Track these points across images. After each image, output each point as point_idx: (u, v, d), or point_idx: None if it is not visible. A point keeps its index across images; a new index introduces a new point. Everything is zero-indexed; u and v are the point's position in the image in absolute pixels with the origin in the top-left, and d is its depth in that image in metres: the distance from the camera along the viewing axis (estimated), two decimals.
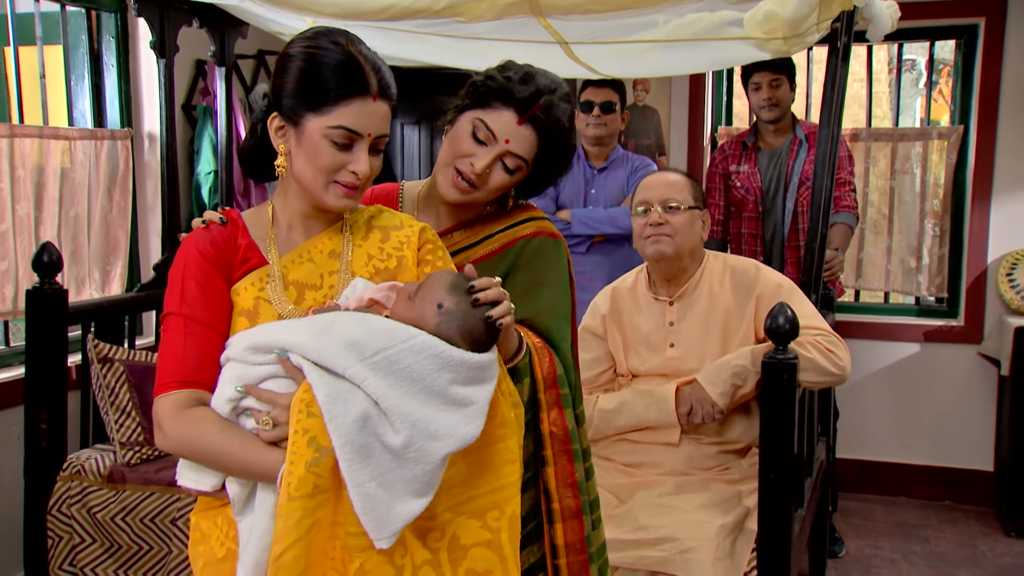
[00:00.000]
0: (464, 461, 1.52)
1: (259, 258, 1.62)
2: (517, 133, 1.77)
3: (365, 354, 1.42)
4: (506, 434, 1.56)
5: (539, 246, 1.86)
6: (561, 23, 2.86)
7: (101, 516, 3.02)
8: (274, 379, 1.49)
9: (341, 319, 1.50)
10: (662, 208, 2.76)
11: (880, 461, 4.77)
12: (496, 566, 1.52)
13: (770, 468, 2.40)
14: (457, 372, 1.46)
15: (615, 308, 2.91)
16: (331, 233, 1.66)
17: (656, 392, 2.74)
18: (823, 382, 2.70)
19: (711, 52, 3.27)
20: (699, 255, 2.86)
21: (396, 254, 1.68)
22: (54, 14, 3.80)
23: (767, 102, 3.92)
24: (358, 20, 2.88)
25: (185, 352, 1.52)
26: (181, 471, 1.54)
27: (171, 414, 1.49)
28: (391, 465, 1.39)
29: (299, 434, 1.38)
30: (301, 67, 1.55)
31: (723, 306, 2.79)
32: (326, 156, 1.55)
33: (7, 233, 3.43)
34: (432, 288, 1.54)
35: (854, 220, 3.92)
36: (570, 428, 1.79)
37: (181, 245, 1.62)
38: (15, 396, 3.26)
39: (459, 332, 1.51)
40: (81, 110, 3.95)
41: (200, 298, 1.55)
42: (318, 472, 1.37)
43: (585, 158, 4.01)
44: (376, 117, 1.56)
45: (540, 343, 1.79)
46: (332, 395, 1.39)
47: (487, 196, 1.83)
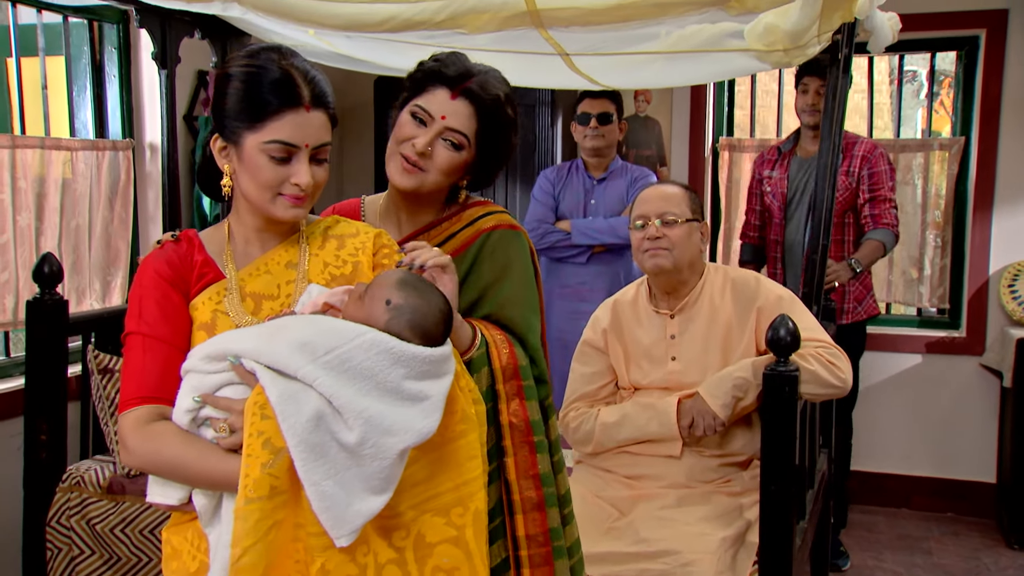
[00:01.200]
0: (426, 458, 1.52)
1: (216, 273, 1.64)
2: (453, 108, 1.81)
3: (316, 354, 1.43)
4: (467, 430, 1.57)
5: (500, 238, 1.88)
6: (562, 35, 2.86)
7: (100, 527, 3.01)
8: (230, 386, 1.50)
9: (291, 322, 1.52)
10: (660, 221, 2.76)
11: (882, 473, 4.76)
12: (463, 563, 1.53)
13: (771, 480, 2.39)
14: (410, 367, 1.47)
15: (616, 321, 2.91)
16: (287, 245, 1.69)
17: (658, 405, 2.73)
18: (824, 394, 2.69)
19: (712, 64, 3.28)
20: (699, 267, 2.85)
21: (351, 260, 1.70)
22: (56, 25, 3.81)
23: (811, 107, 3.90)
24: (360, 32, 2.89)
25: (145, 369, 1.54)
26: (150, 487, 1.55)
27: (133, 430, 1.50)
28: (347, 463, 1.40)
29: (253, 436, 1.39)
30: (235, 88, 1.57)
31: (724, 319, 2.78)
32: (266, 172, 1.57)
33: (8, 244, 3.43)
34: (380, 286, 1.56)
35: (892, 239, 3.86)
36: (532, 419, 1.79)
37: (139, 266, 1.65)
38: (15, 407, 3.25)
39: (409, 326, 1.52)
40: (83, 121, 3.95)
41: (158, 316, 1.58)
42: (274, 473, 1.38)
43: (584, 169, 4.02)
44: (311, 128, 1.57)
45: (501, 336, 1.80)
46: (284, 396, 1.40)
47: (439, 179, 1.85)
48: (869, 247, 3.79)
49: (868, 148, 3.91)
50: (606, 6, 2.60)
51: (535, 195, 4.06)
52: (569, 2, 2.63)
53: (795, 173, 4.01)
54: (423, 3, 2.69)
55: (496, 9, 2.68)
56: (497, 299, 1.84)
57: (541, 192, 4.05)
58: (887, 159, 3.93)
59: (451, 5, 2.68)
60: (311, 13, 2.81)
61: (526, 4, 2.64)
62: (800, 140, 4.05)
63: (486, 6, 2.67)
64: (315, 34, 3.16)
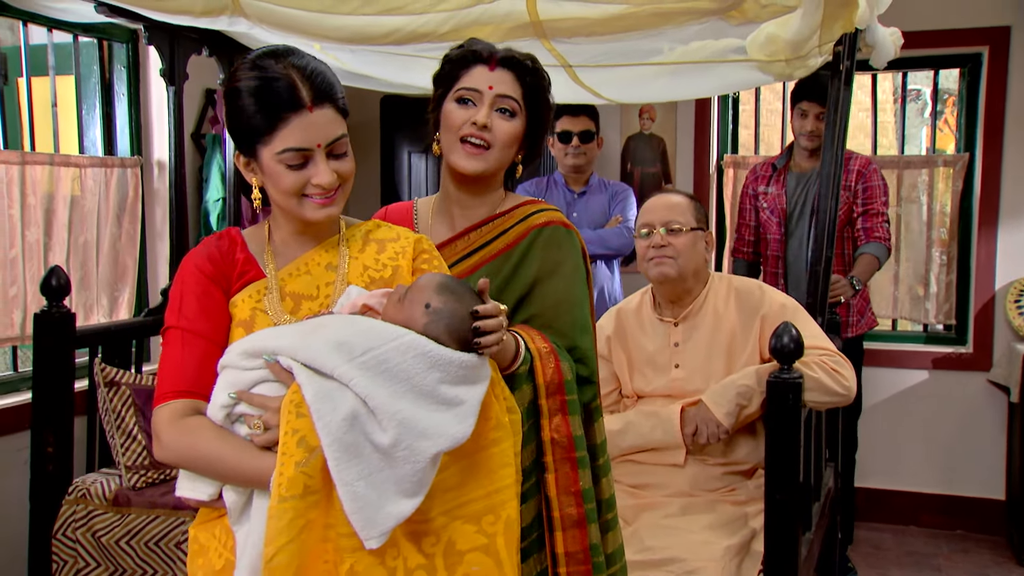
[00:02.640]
0: (458, 464, 1.52)
1: (257, 271, 1.65)
2: (497, 77, 1.83)
3: (353, 354, 1.43)
4: (501, 437, 1.55)
5: (551, 235, 1.86)
6: (565, 46, 2.89)
7: (106, 540, 3.01)
8: (266, 383, 1.51)
9: (330, 321, 1.53)
10: (664, 230, 2.77)
11: (890, 489, 4.73)
12: (493, 571, 1.51)
13: (776, 488, 2.38)
14: (446, 371, 1.46)
15: (620, 329, 2.91)
16: (328, 247, 1.70)
17: (661, 413, 2.73)
18: (828, 402, 2.68)
19: (715, 77, 3.31)
20: (703, 276, 2.86)
21: (391, 264, 1.71)
22: (67, 45, 3.86)
23: (810, 133, 3.92)
24: (365, 44, 2.93)
25: (183, 363, 1.55)
26: (180, 481, 1.55)
27: (168, 423, 1.50)
28: (380, 464, 1.40)
29: (289, 435, 1.39)
30: (236, 106, 1.57)
31: (728, 327, 2.79)
32: (286, 180, 1.57)
33: (16, 259, 3.46)
34: (421, 289, 1.55)
35: (884, 252, 3.88)
36: (575, 435, 1.77)
37: (182, 262, 1.66)
38: (22, 421, 3.27)
39: (447, 331, 1.52)
40: (92, 139, 3.99)
41: (198, 311, 1.58)
42: (308, 472, 1.37)
43: (564, 184, 4.06)
44: (319, 127, 1.55)
45: (547, 348, 1.77)
46: (320, 394, 1.40)
47: (502, 154, 1.85)
48: (865, 262, 3.80)
49: (862, 163, 3.93)
50: (608, 16, 2.64)
51: None
52: (572, 12, 2.67)
53: (793, 189, 4.02)
54: (427, 15, 2.73)
55: (500, 21, 2.72)
56: (545, 298, 1.82)
57: None
58: (880, 175, 3.96)
59: (455, 17, 2.72)
60: (317, 26, 2.85)
61: (529, 15, 2.67)
62: (794, 156, 4.07)
63: (490, 18, 2.71)
64: (321, 48, 3.19)
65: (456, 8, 2.68)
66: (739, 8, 2.55)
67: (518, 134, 1.86)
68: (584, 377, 1.83)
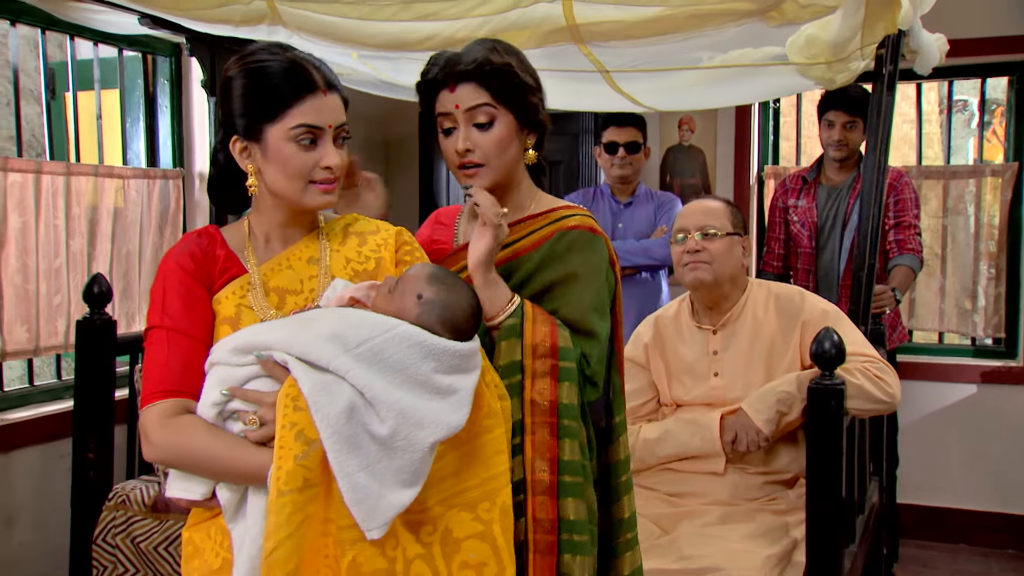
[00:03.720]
0: (453, 453, 1.52)
1: (238, 267, 1.64)
2: (460, 95, 1.78)
3: (348, 345, 1.43)
4: (493, 425, 1.56)
5: (576, 239, 1.82)
6: (602, 50, 2.88)
7: (144, 546, 3.02)
8: (259, 379, 1.50)
9: (322, 315, 1.53)
10: (700, 235, 2.74)
11: (939, 507, 4.62)
12: (490, 557, 1.52)
13: (818, 497, 2.33)
14: (440, 360, 1.48)
15: (658, 337, 2.88)
16: (308, 241, 1.69)
17: (700, 420, 2.69)
18: (872, 409, 2.63)
19: (755, 83, 3.27)
20: (741, 282, 2.82)
21: (374, 256, 1.71)
22: (112, 59, 3.92)
23: (837, 143, 3.86)
24: (401, 51, 2.93)
25: (169, 362, 1.53)
26: (170, 482, 1.53)
27: (157, 423, 1.49)
28: (379, 455, 1.40)
29: (286, 428, 1.39)
30: (247, 84, 1.58)
31: (768, 334, 2.74)
32: (295, 159, 1.58)
33: (61, 268, 3.50)
34: (411, 280, 1.57)
35: (918, 264, 3.82)
36: (562, 402, 1.71)
37: (161, 261, 1.65)
38: (66, 427, 3.29)
39: (439, 320, 1.54)
40: (136, 151, 4.05)
41: (181, 309, 1.57)
42: (307, 465, 1.37)
43: (610, 194, 4.04)
44: (331, 109, 1.59)
45: (545, 316, 1.75)
46: (317, 387, 1.40)
47: (500, 162, 1.81)
48: (901, 274, 3.73)
49: (894, 175, 3.87)
50: (644, 18, 2.62)
51: None
52: (608, 15, 2.66)
53: (824, 202, 3.97)
54: (463, 20, 2.73)
55: (536, 25, 2.71)
56: (563, 298, 1.79)
57: None
58: (912, 187, 3.90)
59: (491, 22, 2.72)
60: (354, 33, 2.86)
61: (566, 19, 2.67)
62: (824, 168, 4.01)
63: (526, 22, 2.71)
64: (359, 57, 3.21)
65: (492, 13, 2.68)
66: (778, 8, 2.52)
67: (504, 137, 1.81)
68: (587, 376, 1.77)
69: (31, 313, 3.39)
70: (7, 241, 3.30)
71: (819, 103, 3.94)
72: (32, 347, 3.42)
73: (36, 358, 3.54)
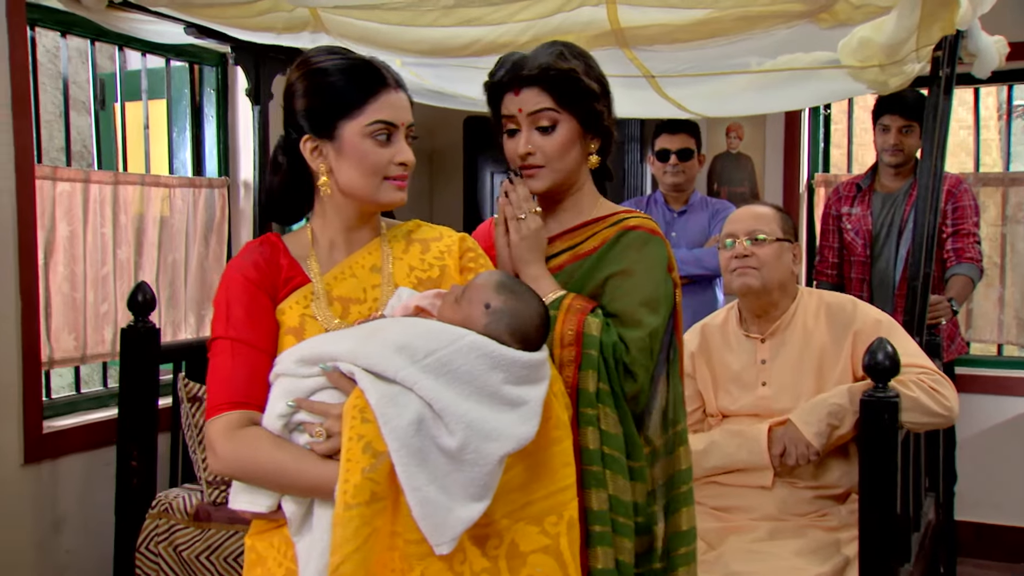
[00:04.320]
0: (521, 464, 1.49)
1: (302, 276, 1.63)
2: (523, 99, 1.79)
3: (416, 356, 1.41)
4: (561, 436, 1.53)
5: (636, 238, 1.82)
6: (647, 55, 2.83)
7: (187, 554, 3.02)
8: (325, 391, 1.48)
9: (388, 325, 1.51)
10: (748, 240, 2.67)
11: (998, 524, 4.47)
12: (556, 572, 1.48)
13: (871, 513, 2.25)
14: (509, 371, 1.45)
15: (704, 345, 2.81)
16: (371, 248, 1.68)
17: (747, 432, 2.62)
18: (928, 423, 2.54)
19: (805, 88, 3.20)
20: (791, 290, 2.74)
21: (438, 264, 1.69)
22: (160, 70, 3.95)
23: (893, 147, 3.77)
24: (444, 57, 2.91)
25: (234, 374, 1.52)
26: (235, 494, 1.53)
27: (223, 435, 1.48)
28: (448, 468, 1.38)
29: (353, 440, 1.37)
30: (319, 83, 1.58)
31: (818, 343, 2.66)
32: (372, 155, 1.58)
33: (108, 276, 3.53)
34: (479, 288, 1.54)
35: (977, 273, 3.71)
36: (582, 388, 1.70)
37: (225, 271, 1.64)
38: (111, 435, 3.32)
39: (508, 330, 1.51)
40: (182, 160, 4.08)
41: (246, 320, 1.56)
42: (374, 478, 1.35)
43: (664, 202, 3.98)
44: (403, 106, 1.61)
45: (582, 304, 1.74)
46: (385, 398, 1.38)
47: (561, 164, 1.82)
48: (959, 284, 3.62)
49: (953, 182, 3.76)
50: (691, 21, 2.57)
51: None
52: (654, 19, 2.61)
53: (879, 210, 3.87)
54: (506, 25, 2.70)
55: (580, 29, 2.67)
56: (612, 292, 1.78)
57: None
58: (971, 194, 3.79)
59: (534, 26, 2.68)
60: (397, 39, 2.85)
61: (611, 23, 2.62)
62: (879, 175, 3.91)
63: (570, 26, 2.67)
64: (403, 64, 3.19)
65: (535, 17, 2.65)
66: (830, 10, 2.45)
67: (566, 141, 1.81)
68: (624, 364, 1.72)
69: (78, 321, 3.42)
70: (55, 249, 3.34)
71: (874, 108, 3.85)
72: (79, 355, 3.45)
73: (83, 366, 3.57)
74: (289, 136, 1.64)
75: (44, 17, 3.36)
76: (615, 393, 1.72)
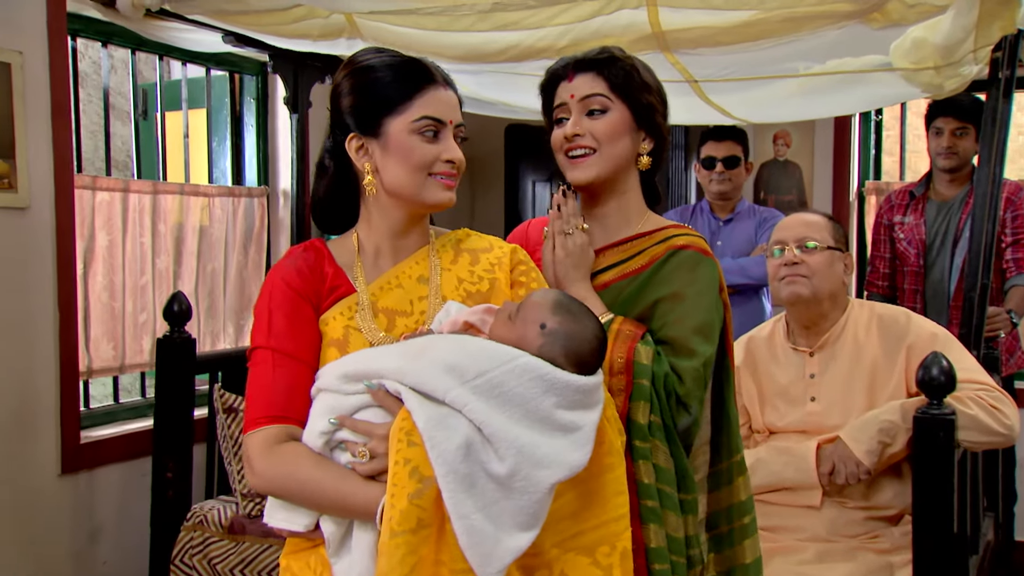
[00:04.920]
0: (572, 492, 1.42)
1: (347, 286, 1.57)
2: (576, 85, 1.75)
3: (466, 377, 1.35)
4: (615, 463, 1.46)
5: (687, 258, 1.73)
6: (689, 58, 2.75)
7: (221, 567, 2.98)
8: (369, 408, 1.43)
9: (437, 342, 1.45)
10: (798, 248, 2.58)
11: None
12: None
13: (926, 535, 2.15)
14: (563, 395, 1.39)
15: (750, 358, 2.72)
16: (418, 257, 1.62)
17: (795, 449, 2.52)
18: (986, 442, 2.43)
19: (855, 92, 3.10)
20: (841, 301, 2.64)
21: (488, 276, 1.62)
22: (200, 79, 3.95)
23: (947, 150, 3.64)
24: (481, 63, 2.86)
25: (274, 386, 1.47)
26: (271, 511, 1.48)
27: (262, 451, 1.44)
28: (496, 495, 1.32)
29: (400, 464, 1.31)
30: (365, 80, 1.55)
31: (870, 357, 2.56)
32: (419, 151, 1.53)
33: (147, 286, 3.53)
34: (534, 307, 1.48)
35: None
36: (635, 421, 1.63)
37: (267, 277, 1.58)
38: (148, 446, 3.30)
39: (564, 353, 1.44)
40: (222, 169, 4.08)
41: (288, 330, 1.51)
42: (421, 504, 1.29)
43: (710, 210, 3.91)
44: (451, 104, 1.56)
45: (632, 330, 1.67)
46: (433, 421, 1.32)
47: (610, 151, 1.75)
48: (1019, 295, 3.49)
49: (1011, 190, 3.62)
50: (735, 23, 2.49)
51: None
52: (696, 21, 2.53)
53: (933, 218, 3.74)
54: (544, 30, 2.64)
55: (620, 33, 2.61)
56: (663, 317, 1.70)
57: None
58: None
59: (573, 30, 2.62)
60: (433, 45, 2.80)
61: (651, 26, 2.55)
62: (933, 183, 3.78)
63: (610, 29, 2.60)
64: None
65: (574, 21, 2.58)
66: (881, 9, 2.35)
67: (617, 126, 1.75)
68: (678, 396, 1.65)
69: (117, 330, 3.42)
70: (94, 259, 3.34)
71: (927, 111, 3.73)
72: (117, 364, 3.44)
73: (123, 376, 3.56)
74: (336, 138, 1.60)
75: (85, 27, 3.37)
76: (666, 426, 1.65)
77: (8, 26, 2.89)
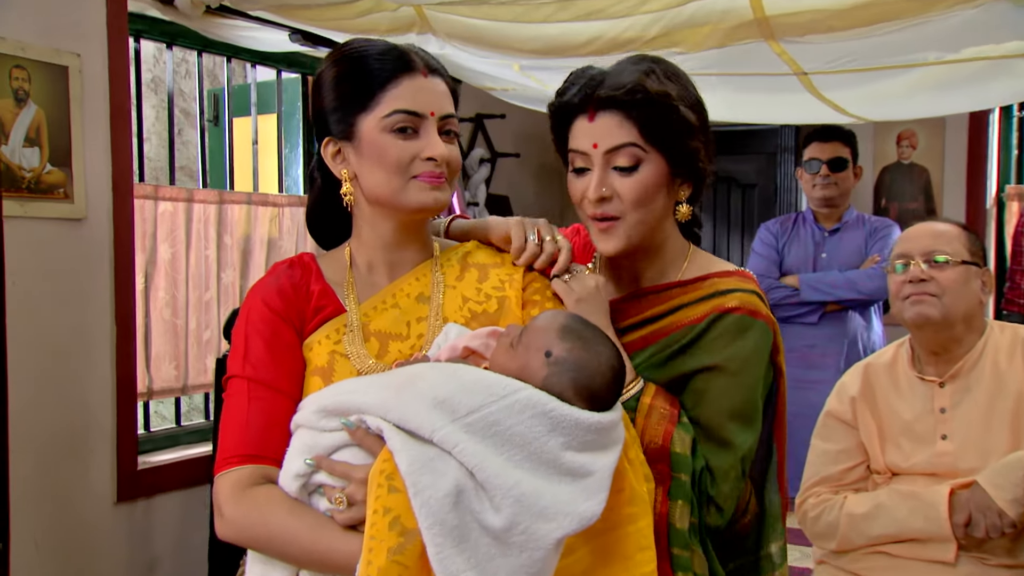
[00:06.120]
0: (586, 548, 1.25)
1: (335, 305, 1.44)
2: (599, 129, 1.44)
3: (457, 413, 1.20)
4: (637, 514, 1.28)
5: (734, 324, 1.47)
6: (797, 48, 2.48)
7: None
8: (349, 448, 1.29)
9: (427, 372, 1.29)
10: (926, 263, 2.25)
11: None
12: None
13: None
14: (571, 435, 1.23)
15: (868, 389, 2.40)
16: (419, 273, 1.47)
17: (923, 495, 2.21)
18: None
19: (994, 84, 2.78)
20: (978, 323, 2.31)
21: (496, 295, 1.47)
22: (270, 83, 3.81)
23: None
24: (563, 57, 2.63)
25: (249, 421, 1.35)
26: (250, 564, 1.34)
27: (232, 494, 1.30)
28: (492, 551, 1.16)
29: (379, 514, 1.16)
30: (336, 74, 1.41)
31: (1013, 389, 2.24)
32: (393, 150, 1.36)
33: (211, 302, 3.39)
34: (539, 332, 1.32)
35: None
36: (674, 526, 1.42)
37: (246, 297, 1.46)
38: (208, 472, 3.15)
39: (573, 386, 1.28)
40: (294, 177, 3.95)
41: (266, 357, 1.38)
42: (403, 561, 1.14)
43: (813, 220, 3.65)
44: (433, 93, 1.38)
45: (667, 408, 1.44)
46: (418, 463, 1.17)
47: (640, 217, 1.48)
48: None
49: None
50: (851, 6, 2.23)
51: (755, 248, 3.76)
52: (805, 5, 2.25)
53: None
54: (632, 18, 2.41)
55: (717, 19, 2.35)
56: (698, 394, 1.48)
57: (762, 245, 3.73)
58: None
59: (664, 18, 2.38)
60: (509, 38, 2.60)
61: (753, 11, 2.28)
62: None
63: (705, 16, 2.34)
64: (521, 69, 2.93)
65: (665, 8, 2.35)
66: None
67: (650, 185, 1.46)
68: (711, 497, 1.45)
69: (179, 349, 3.29)
70: (156, 273, 3.22)
71: None
72: (180, 385, 3.32)
73: (184, 397, 3.41)
74: (317, 153, 1.47)
75: (149, 28, 3.24)
76: (700, 527, 1.45)
77: (65, 27, 2.76)
